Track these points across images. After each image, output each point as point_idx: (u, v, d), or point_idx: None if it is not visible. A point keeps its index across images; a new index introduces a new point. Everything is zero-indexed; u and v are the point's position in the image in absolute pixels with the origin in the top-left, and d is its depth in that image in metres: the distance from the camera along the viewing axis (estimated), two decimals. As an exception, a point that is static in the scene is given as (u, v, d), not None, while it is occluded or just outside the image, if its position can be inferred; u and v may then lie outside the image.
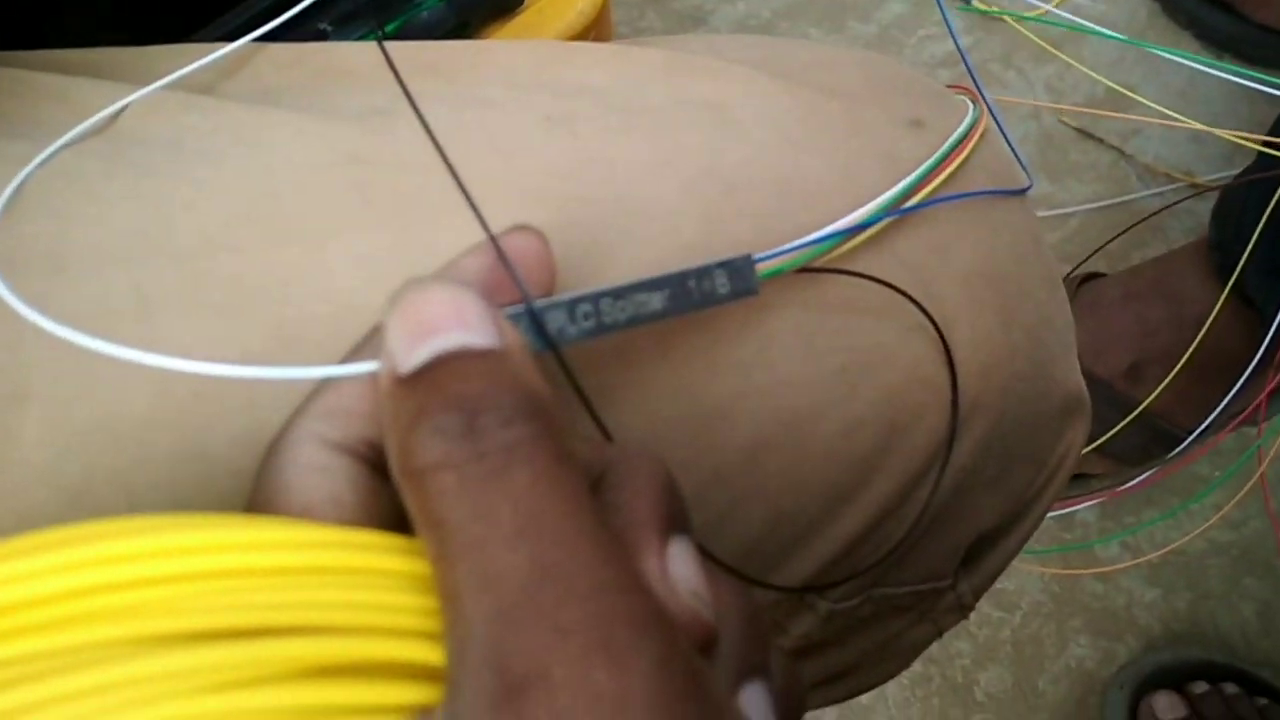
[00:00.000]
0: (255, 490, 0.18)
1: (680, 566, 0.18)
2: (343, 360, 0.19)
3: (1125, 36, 0.95)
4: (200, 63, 0.27)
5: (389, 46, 0.23)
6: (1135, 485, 0.78)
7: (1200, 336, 0.70)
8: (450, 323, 0.17)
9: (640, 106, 0.27)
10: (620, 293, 0.21)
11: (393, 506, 0.18)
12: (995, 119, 0.32)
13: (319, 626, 0.16)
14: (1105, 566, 0.80)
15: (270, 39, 0.29)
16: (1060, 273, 0.33)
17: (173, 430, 0.21)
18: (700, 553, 0.19)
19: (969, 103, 0.32)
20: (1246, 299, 0.69)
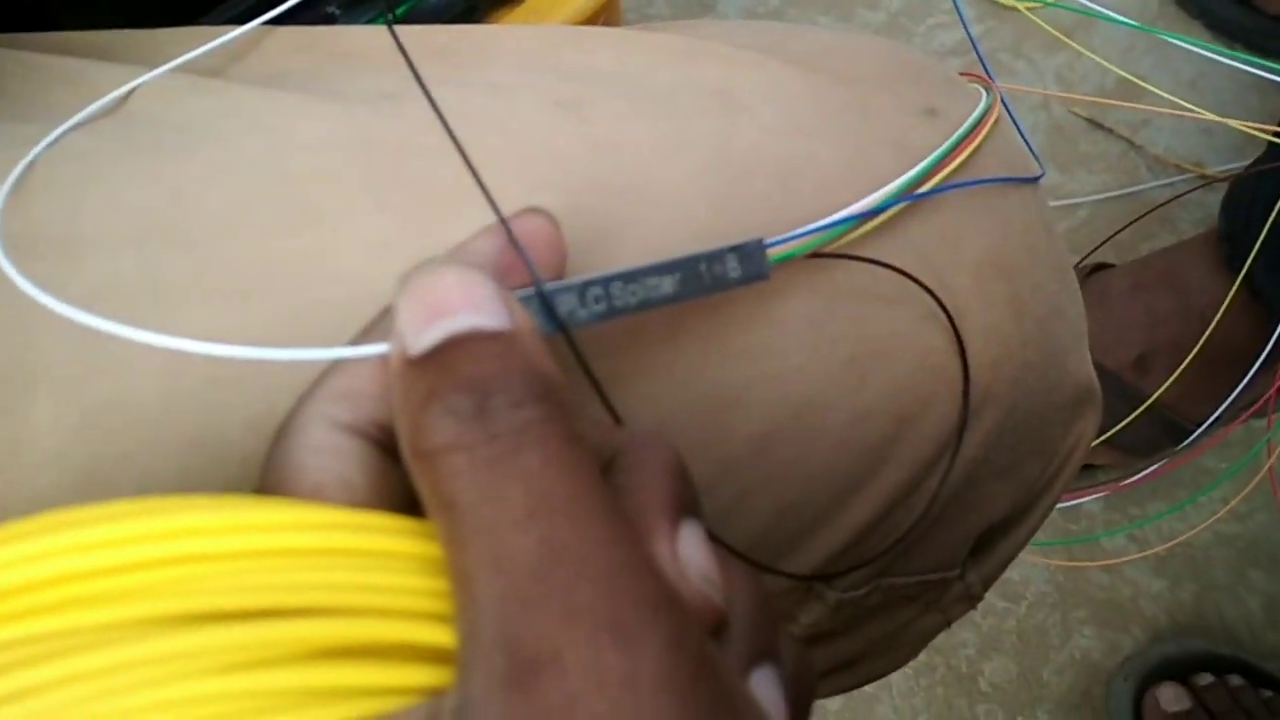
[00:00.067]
0: (265, 472, 0.18)
1: (691, 550, 0.18)
2: (353, 342, 0.19)
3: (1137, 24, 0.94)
4: (210, 45, 0.27)
5: (399, 30, 0.23)
6: (1142, 478, 0.78)
7: (1209, 329, 0.70)
8: (461, 304, 0.17)
9: (650, 92, 0.27)
10: (631, 276, 0.21)
11: (403, 488, 0.18)
12: (1006, 108, 0.32)
13: (330, 608, 0.15)
14: (1111, 559, 0.80)
15: (279, 22, 0.28)
16: (1071, 263, 0.33)
17: (183, 413, 0.21)
18: (710, 538, 0.19)
19: (982, 91, 0.31)
20: (1255, 291, 0.69)
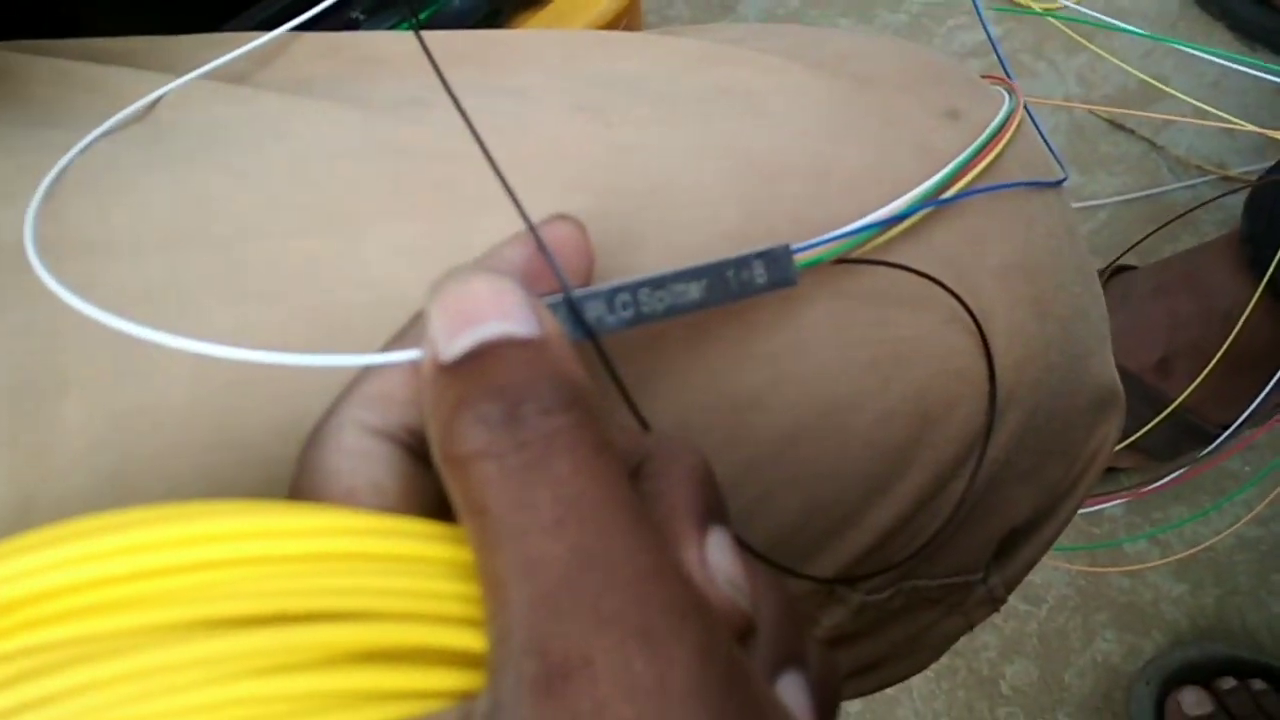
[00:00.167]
0: (297, 476, 0.18)
1: (718, 556, 0.18)
2: (384, 348, 0.19)
3: (1156, 29, 0.94)
4: (236, 53, 0.27)
5: (424, 36, 0.23)
6: (1166, 483, 0.77)
7: (1232, 331, 0.69)
8: (492, 312, 0.17)
9: (674, 96, 0.27)
10: (659, 282, 0.21)
11: (433, 492, 0.18)
12: (1028, 110, 0.32)
13: (361, 612, 0.16)
14: (1133, 564, 0.79)
15: (303, 28, 0.29)
16: (1094, 265, 0.33)
17: (211, 417, 0.21)
18: (737, 543, 0.19)
19: (1004, 93, 0.31)
20: (1278, 293, 0.68)
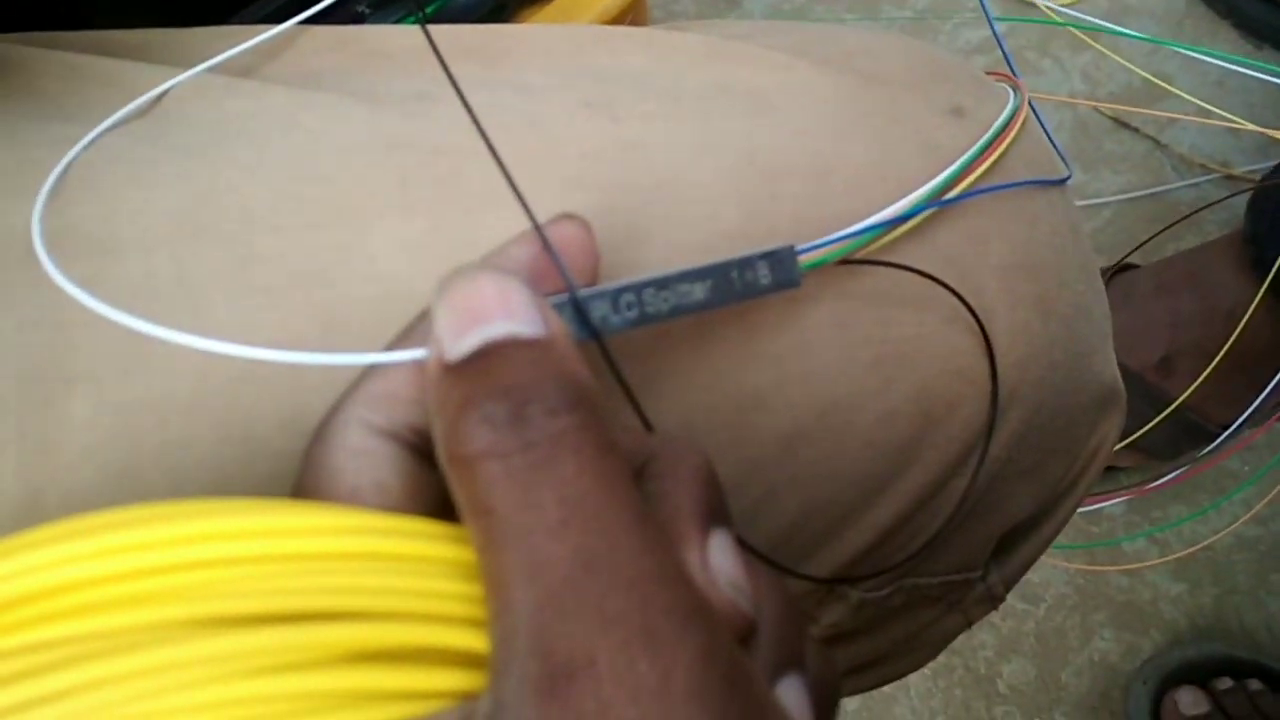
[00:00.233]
0: (302, 474, 0.18)
1: (721, 558, 0.18)
2: (389, 346, 0.19)
3: (1163, 26, 0.93)
4: (244, 46, 0.27)
5: (431, 30, 0.23)
6: (1166, 482, 0.77)
7: (1234, 331, 0.69)
8: (498, 312, 0.17)
9: (680, 92, 0.27)
10: (663, 283, 0.21)
11: (437, 492, 0.18)
12: (1033, 108, 0.32)
13: (364, 612, 0.16)
14: (1132, 563, 0.79)
15: (310, 22, 0.29)
16: (1097, 263, 0.33)
17: (217, 411, 0.21)
18: (739, 544, 0.19)
19: (1009, 90, 0.31)
20: (1280, 293, 0.68)
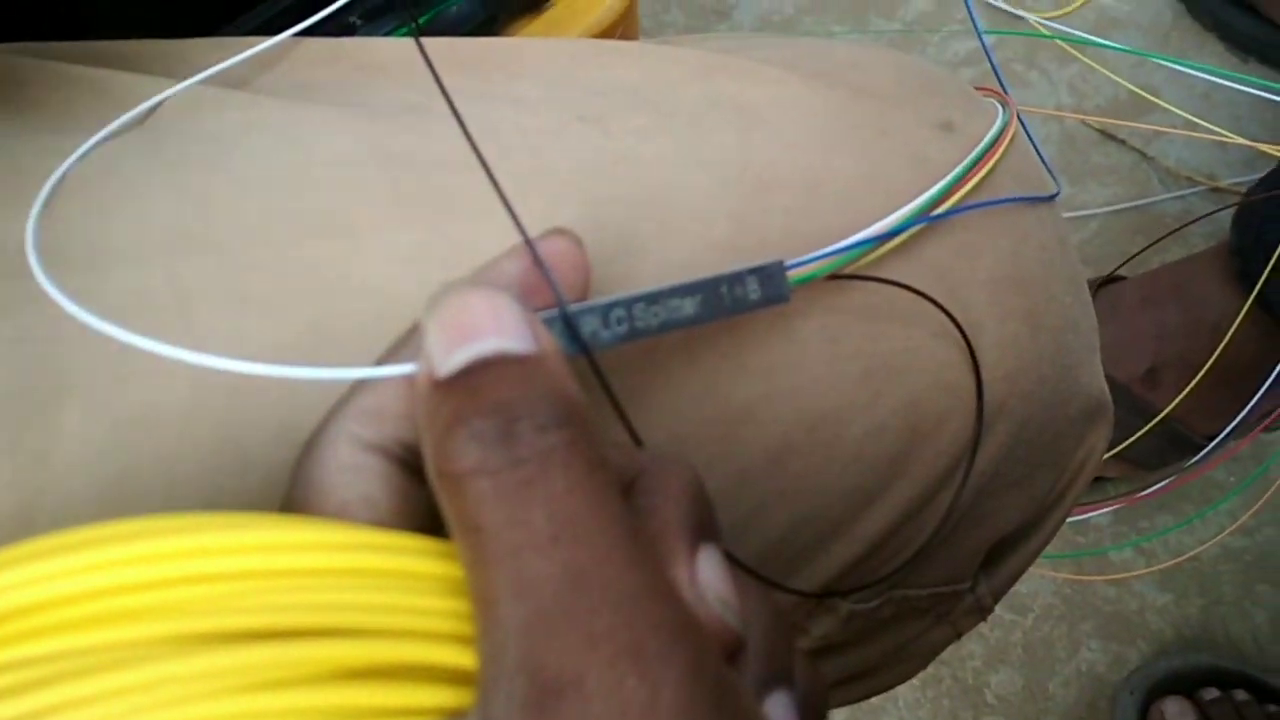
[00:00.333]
0: (291, 489, 0.18)
1: (709, 574, 0.18)
2: (379, 361, 0.19)
3: (1149, 39, 0.94)
4: (238, 58, 0.27)
5: (424, 44, 0.23)
6: (1153, 493, 0.77)
7: (1219, 343, 0.70)
8: (488, 328, 0.17)
9: (672, 106, 0.27)
10: (653, 298, 0.21)
11: (426, 507, 0.18)
12: (1022, 123, 0.32)
13: (352, 628, 0.16)
14: (1119, 573, 0.80)
15: (301, 34, 0.29)
16: (1084, 275, 0.33)
17: (209, 424, 0.21)
18: (727, 559, 0.19)
19: (998, 106, 0.32)
20: (1266, 305, 0.69)
